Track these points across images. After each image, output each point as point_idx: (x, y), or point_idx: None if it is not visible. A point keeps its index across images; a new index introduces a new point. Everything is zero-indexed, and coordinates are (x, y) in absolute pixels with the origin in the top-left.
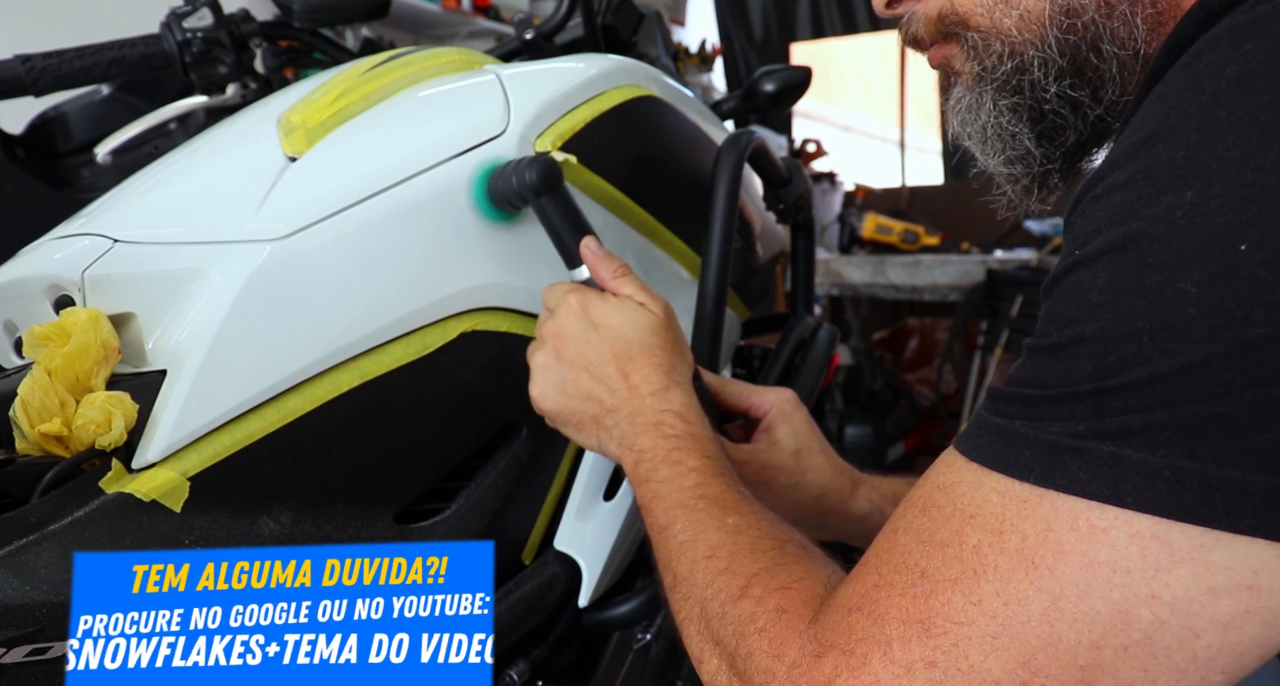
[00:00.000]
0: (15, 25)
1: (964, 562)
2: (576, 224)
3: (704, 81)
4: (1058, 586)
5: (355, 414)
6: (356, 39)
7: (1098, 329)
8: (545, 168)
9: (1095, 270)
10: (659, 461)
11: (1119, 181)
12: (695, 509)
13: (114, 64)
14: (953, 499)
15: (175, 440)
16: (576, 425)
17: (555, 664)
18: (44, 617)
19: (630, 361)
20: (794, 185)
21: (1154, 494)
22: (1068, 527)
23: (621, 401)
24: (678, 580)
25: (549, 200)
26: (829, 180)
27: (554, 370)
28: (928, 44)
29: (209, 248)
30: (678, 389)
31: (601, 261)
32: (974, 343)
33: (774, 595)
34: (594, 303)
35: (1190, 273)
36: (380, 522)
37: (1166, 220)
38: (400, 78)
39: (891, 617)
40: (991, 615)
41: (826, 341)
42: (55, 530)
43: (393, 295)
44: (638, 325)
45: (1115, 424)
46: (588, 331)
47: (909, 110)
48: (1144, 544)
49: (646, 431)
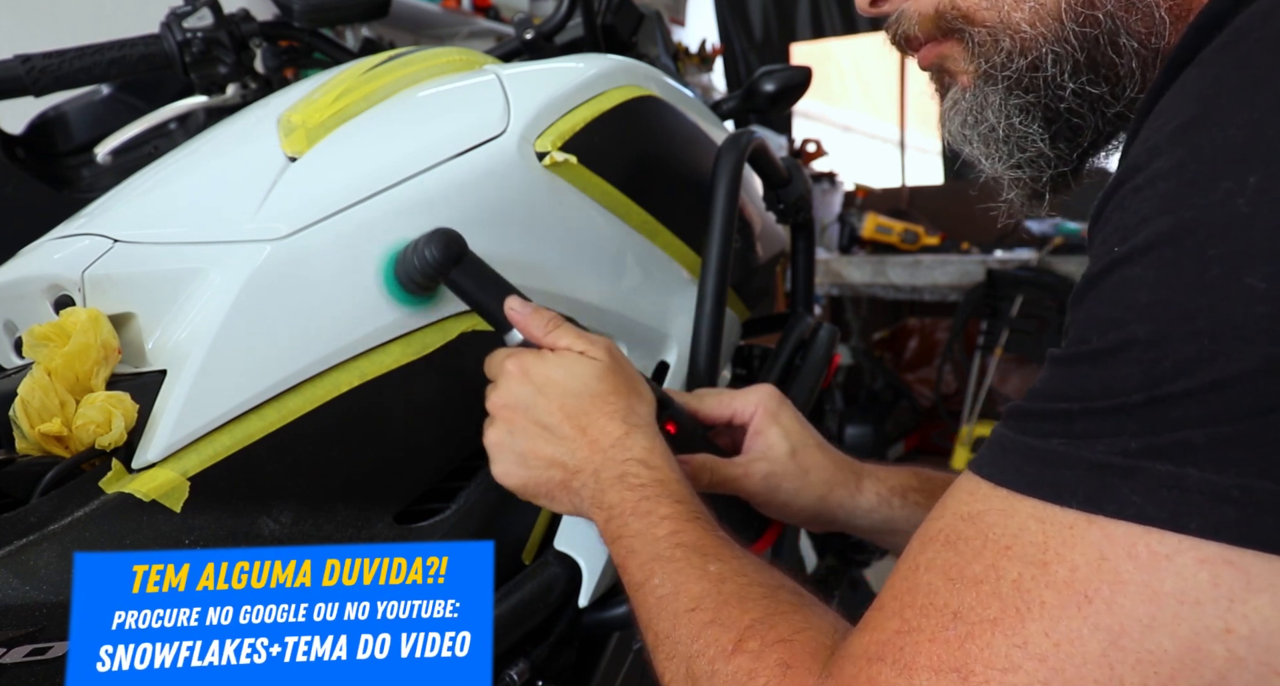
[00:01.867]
0: (15, 25)
1: (1004, 600)
2: (496, 288)
3: (704, 81)
4: (1117, 623)
5: (355, 414)
6: (356, 39)
7: (1150, 331)
8: (445, 242)
9: (1143, 266)
10: (628, 515)
11: (1163, 169)
12: (672, 559)
13: (114, 64)
14: (982, 529)
15: (175, 440)
16: (547, 495)
17: (555, 664)
18: (44, 617)
19: (584, 415)
20: (794, 185)
21: (1222, 518)
22: (1125, 556)
23: (584, 460)
24: (659, 639)
25: (459, 273)
26: (829, 180)
27: (509, 444)
28: (920, 42)
29: (209, 248)
30: (638, 433)
31: (530, 319)
32: (974, 342)
33: (774, 649)
34: (533, 364)
35: (1258, 266)
36: (380, 522)
37: (1227, 208)
38: (400, 78)
39: (920, 666)
40: (1041, 659)
41: (826, 341)
42: (55, 530)
43: (393, 295)
44: (583, 376)
45: (1173, 439)
46: (533, 396)
47: (909, 110)
48: (1215, 571)
49: (612, 486)
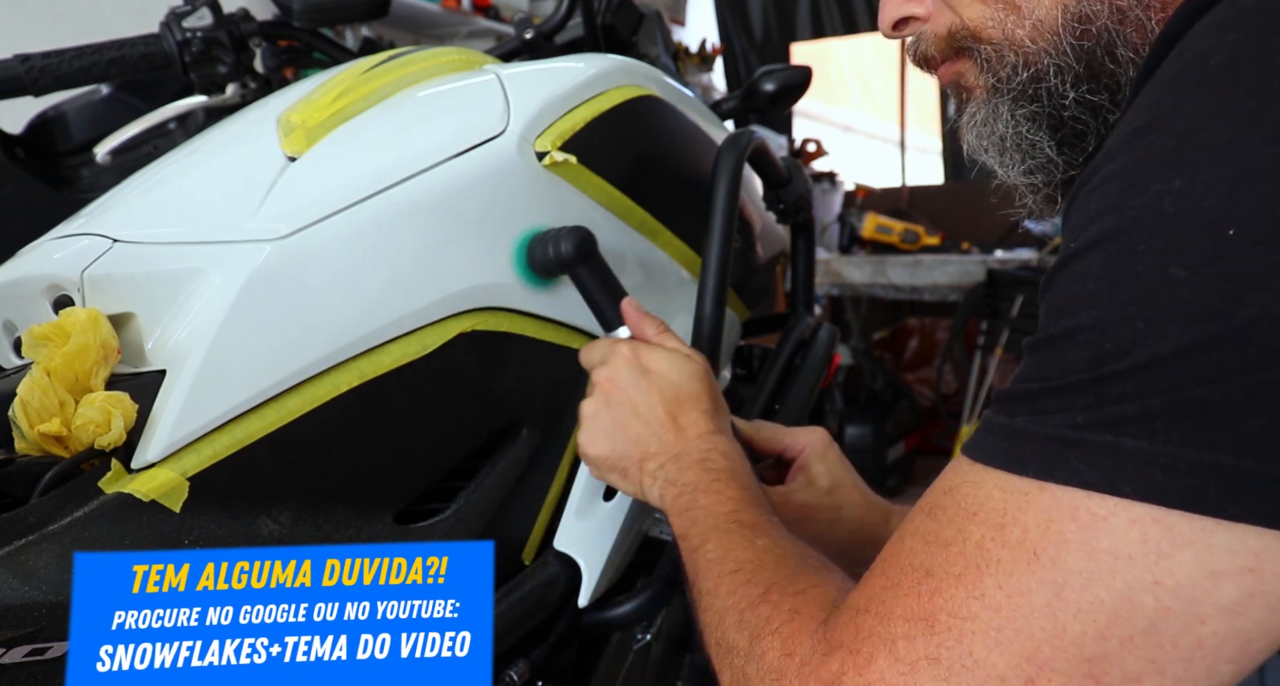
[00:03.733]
0: (15, 25)
1: (967, 558)
2: (613, 288)
3: (704, 81)
4: (1060, 576)
5: (355, 414)
6: (356, 39)
7: (1093, 317)
8: (580, 239)
9: (1090, 260)
10: (699, 491)
11: (1111, 173)
12: (728, 531)
13: (114, 64)
14: (957, 499)
15: (175, 440)
16: (622, 471)
17: (555, 664)
18: (43, 617)
19: (679, 405)
20: (794, 185)
21: (1151, 482)
22: (1068, 517)
23: (668, 445)
24: (702, 594)
25: (585, 270)
26: (829, 180)
27: (603, 415)
28: (938, 62)
29: (208, 247)
30: (722, 433)
31: (645, 320)
32: (974, 342)
33: (789, 599)
34: (644, 351)
35: (1181, 258)
36: (380, 522)
37: (1156, 208)
38: (400, 78)
39: (896, 616)
40: (995, 609)
41: (826, 341)
42: (55, 530)
43: (392, 295)
44: (686, 373)
45: (1112, 412)
46: (638, 377)
47: (909, 110)
48: (1145, 529)
49: (691, 467)
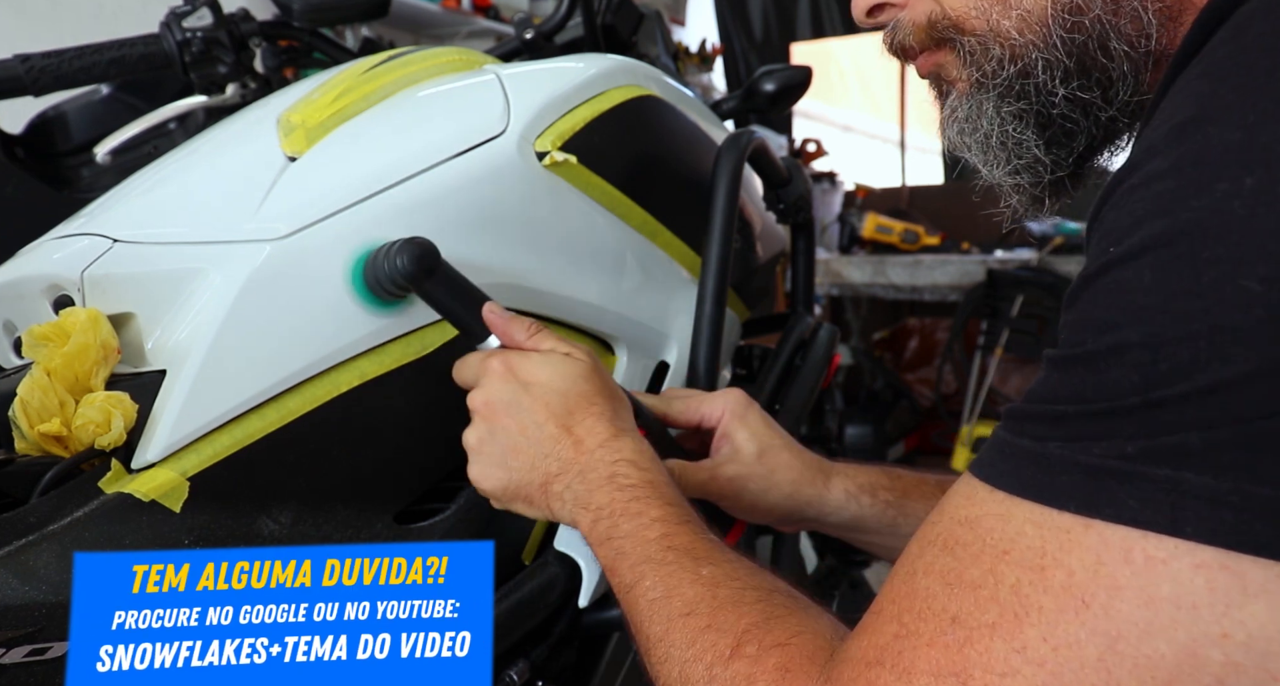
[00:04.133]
0: (15, 25)
1: (1002, 605)
2: (470, 297)
3: (704, 81)
4: (1114, 628)
5: (355, 414)
6: (356, 39)
7: (1145, 334)
8: (417, 253)
9: (1138, 268)
10: (618, 515)
11: (1160, 170)
12: (664, 562)
13: (114, 64)
14: (980, 534)
15: (175, 440)
16: (525, 499)
17: (555, 664)
18: (43, 617)
19: (570, 415)
20: (794, 185)
21: (1219, 523)
22: (1121, 560)
23: (568, 462)
24: (652, 643)
25: (432, 284)
26: (829, 180)
27: (489, 444)
28: (916, 52)
29: (208, 247)
30: (625, 435)
31: (512, 324)
32: (974, 343)
33: (772, 653)
34: (518, 362)
35: (1255, 268)
36: (380, 522)
37: (1223, 210)
38: (400, 78)
39: (920, 671)
40: (1039, 663)
41: (826, 341)
42: (55, 530)
43: (380, 305)
44: (570, 376)
45: (1170, 443)
46: (517, 393)
47: (909, 110)
48: (1211, 576)
49: (600, 486)
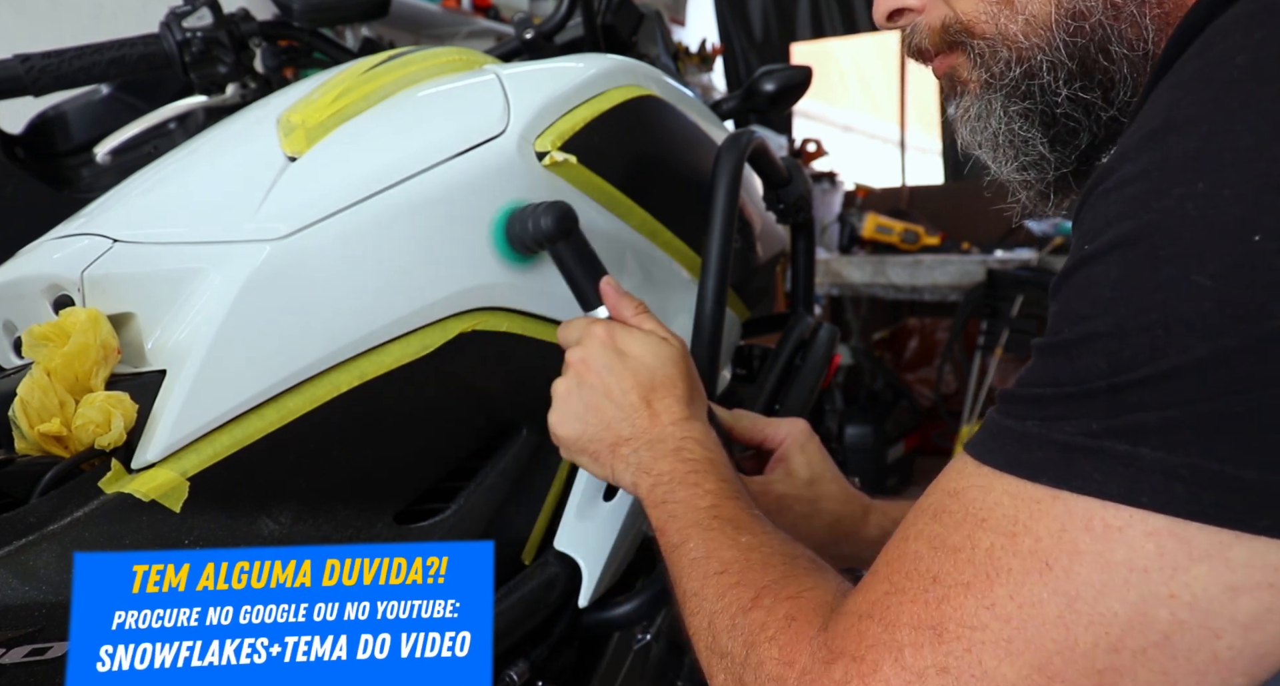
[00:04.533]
0: (15, 25)
1: (976, 566)
2: (593, 266)
3: (704, 81)
4: (1073, 588)
5: (355, 414)
6: (356, 39)
7: (1110, 324)
8: (560, 215)
9: (1106, 265)
10: (676, 483)
11: (1130, 175)
12: (709, 528)
13: (114, 64)
14: (964, 503)
15: (175, 440)
16: (593, 454)
17: (555, 664)
18: (43, 618)
19: (653, 391)
20: (794, 185)
21: (1171, 494)
22: (1082, 528)
23: (641, 430)
24: (688, 596)
25: (564, 246)
26: (829, 180)
27: (575, 396)
28: (932, 55)
29: (208, 248)
30: (697, 420)
31: (623, 300)
32: (974, 342)
33: (784, 604)
34: (620, 333)
35: (1205, 265)
36: (380, 522)
37: (1179, 212)
38: (400, 78)
39: (903, 623)
40: (1005, 619)
41: (826, 341)
42: (55, 530)
43: (392, 295)
44: (662, 356)
45: (1130, 421)
46: (612, 359)
47: (909, 110)
48: (1161, 542)
49: (666, 456)
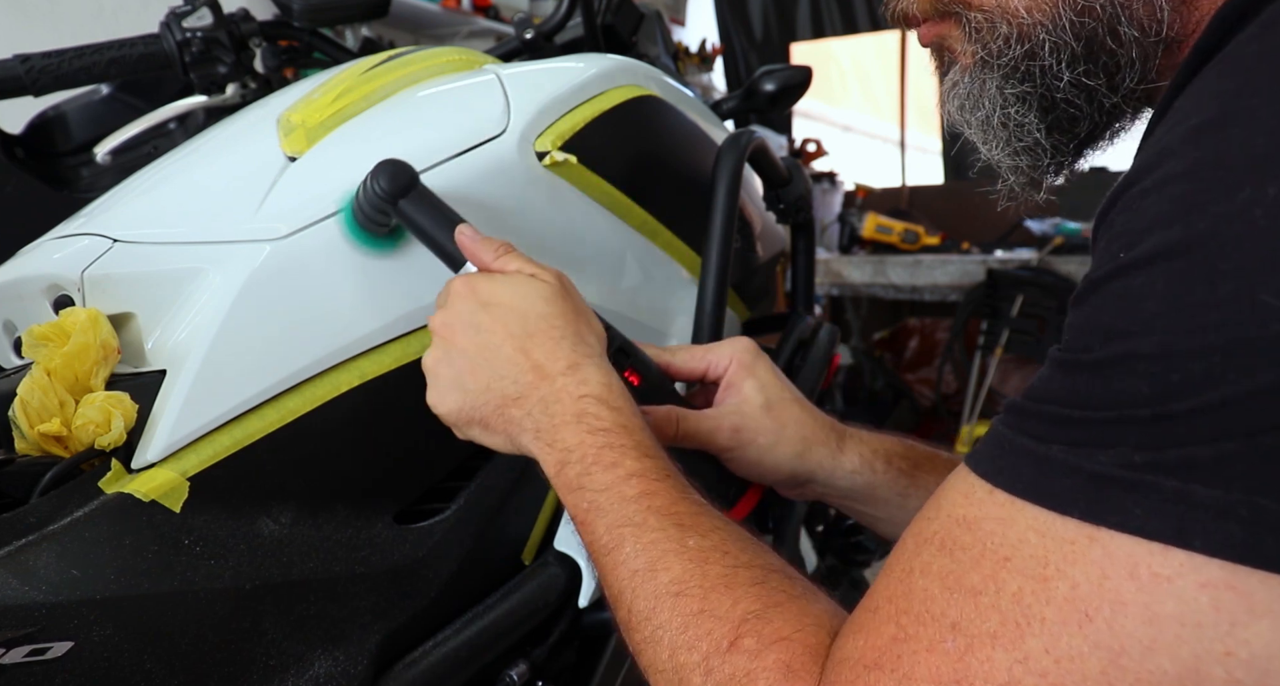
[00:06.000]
0: (15, 25)
1: (1003, 614)
2: (444, 218)
3: (704, 81)
4: (1118, 642)
5: (355, 414)
6: (356, 39)
7: (1157, 344)
8: (393, 171)
9: (1150, 275)
10: (590, 463)
11: (1175, 172)
12: (645, 526)
13: (113, 64)
14: (980, 537)
15: (175, 440)
16: (482, 423)
17: (555, 664)
18: (43, 618)
19: (528, 338)
20: (794, 185)
21: (1227, 536)
22: (1126, 575)
23: (528, 386)
24: (637, 618)
25: (408, 202)
26: (829, 180)
27: (444, 366)
28: (919, 21)
29: (208, 247)
30: (590, 364)
31: (480, 244)
32: (974, 342)
33: (773, 649)
34: (480, 283)
35: (1275, 282)
36: (380, 522)
37: (1243, 219)
38: (400, 77)
39: (920, 677)
40: (1041, 675)
41: (826, 341)
42: (55, 530)
43: (392, 295)
44: (530, 297)
45: (1179, 455)
46: (475, 313)
47: (909, 110)
48: (1217, 594)
49: (568, 424)
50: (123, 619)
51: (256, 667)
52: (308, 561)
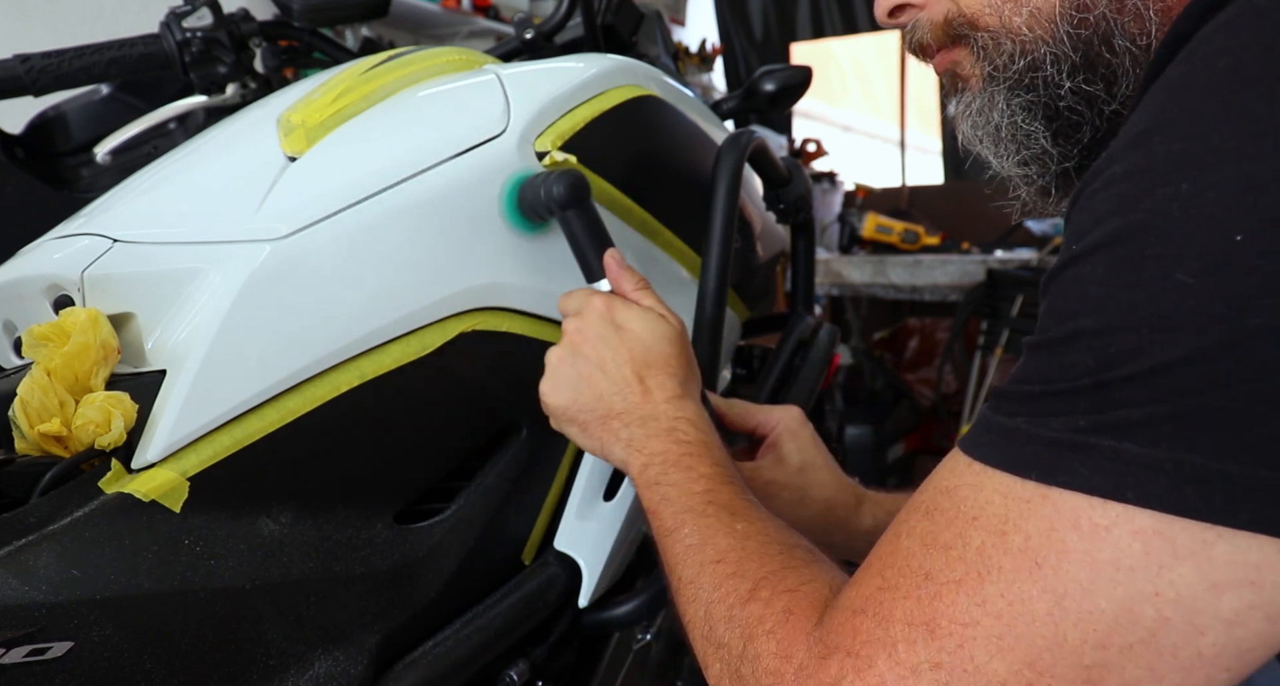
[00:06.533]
0: (15, 25)
1: (968, 564)
2: (600, 237)
3: (704, 81)
4: (1061, 586)
5: (355, 414)
6: (356, 39)
7: (1096, 322)
8: (572, 182)
9: (1093, 263)
10: (670, 465)
11: (1117, 175)
12: (704, 514)
13: (113, 64)
14: (956, 501)
15: (175, 440)
16: (582, 425)
17: (555, 664)
18: (43, 618)
19: (648, 367)
20: (794, 185)
21: (1155, 488)
22: (1070, 526)
23: (634, 405)
24: (683, 583)
25: (574, 214)
26: (829, 180)
27: (569, 365)
28: (934, 50)
29: (208, 247)
30: (691, 400)
31: (625, 274)
32: (974, 342)
33: (781, 597)
34: (618, 307)
35: (1187, 264)
36: (380, 522)
37: (1163, 212)
38: (400, 77)
39: (896, 619)
40: (996, 616)
41: (826, 341)
42: (55, 530)
43: (392, 295)
44: (658, 333)
45: (1116, 418)
46: (609, 332)
47: (909, 110)
48: (1146, 541)
49: (659, 436)
50: (123, 619)
51: (256, 667)
52: (308, 561)
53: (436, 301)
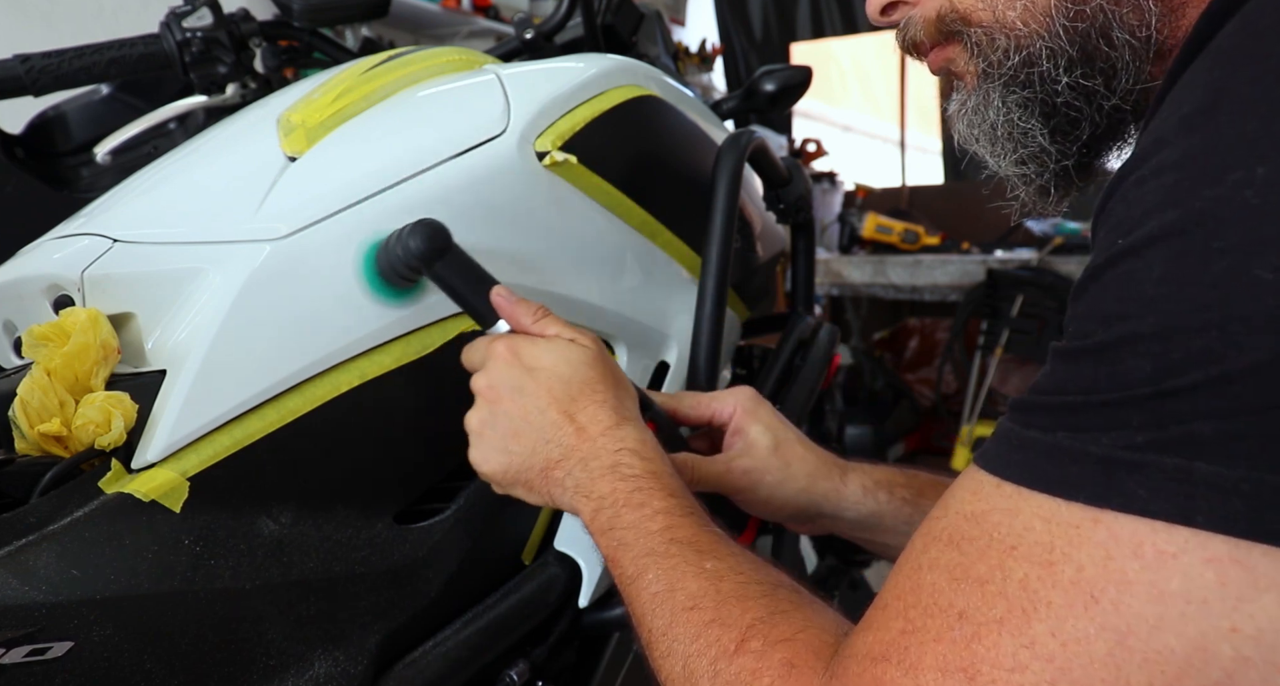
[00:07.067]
0: (15, 25)
1: (1010, 600)
2: (480, 279)
3: (704, 81)
4: (1124, 622)
5: (355, 414)
6: (356, 39)
7: (1156, 324)
8: (429, 233)
9: (1147, 260)
10: (620, 506)
11: (1170, 160)
12: (667, 555)
13: (113, 64)
14: (987, 529)
15: (175, 440)
16: (525, 484)
17: (555, 664)
18: (43, 618)
19: (574, 402)
20: (794, 185)
21: (1230, 512)
22: (1130, 554)
23: (570, 449)
24: (655, 636)
25: (443, 266)
26: (829, 180)
27: (491, 428)
28: (927, 48)
29: (208, 247)
30: (629, 424)
31: (518, 307)
32: (974, 343)
33: (777, 648)
34: (523, 346)
35: (1267, 258)
36: (380, 522)
37: (1236, 200)
38: (400, 77)
39: (926, 666)
40: (1048, 659)
41: (826, 341)
42: (54, 530)
43: (392, 295)
44: (574, 362)
45: (1181, 432)
46: (521, 378)
47: (909, 110)
48: (1222, 570)
49: (603, 475)
50: (123, 619)
51: (256, 667)
52: (308, 561)
53: (437, 301)
